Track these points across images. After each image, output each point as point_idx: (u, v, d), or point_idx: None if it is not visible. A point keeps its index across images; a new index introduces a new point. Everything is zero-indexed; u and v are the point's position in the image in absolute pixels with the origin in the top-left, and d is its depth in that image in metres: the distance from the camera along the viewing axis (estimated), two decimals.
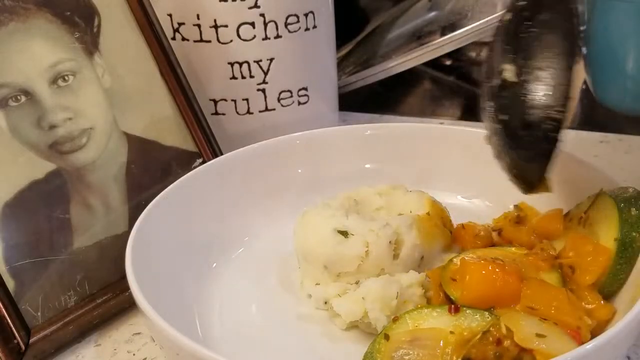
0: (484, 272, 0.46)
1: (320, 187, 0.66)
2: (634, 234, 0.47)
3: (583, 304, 0.46)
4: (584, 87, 1.01)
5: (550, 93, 0.46)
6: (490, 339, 0.42)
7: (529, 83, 0.47)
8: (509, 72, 0.47)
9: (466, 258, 0.48)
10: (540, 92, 0.46)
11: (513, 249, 0.53)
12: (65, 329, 0.52)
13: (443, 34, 0.93)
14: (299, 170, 0.67)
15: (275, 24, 0.72)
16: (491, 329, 0.42)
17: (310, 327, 0.53)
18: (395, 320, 0.45)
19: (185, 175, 0.60)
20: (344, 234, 0.53)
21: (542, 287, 0.46)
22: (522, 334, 0.41)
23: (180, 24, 0.71)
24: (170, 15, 0.71)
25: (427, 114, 0.98)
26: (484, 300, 0.45)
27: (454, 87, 1.14)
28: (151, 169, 0.61)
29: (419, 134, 0.69)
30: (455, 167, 0.66)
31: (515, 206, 0.58)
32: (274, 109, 0.75)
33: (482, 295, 0.45)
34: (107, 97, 0.59)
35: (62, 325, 0.52)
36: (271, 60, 0.73)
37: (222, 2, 0.69)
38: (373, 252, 0.52)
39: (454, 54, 1.11)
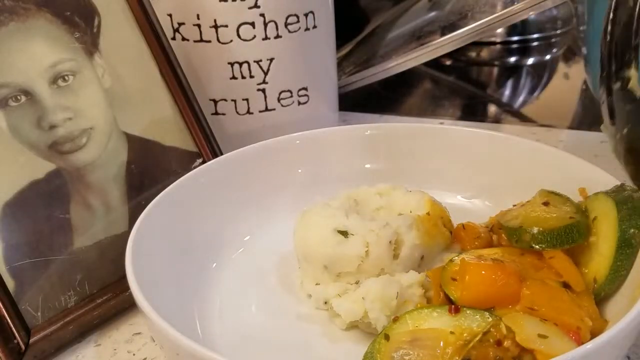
0: (483, 272, 0.46)
1: (320, 187, 0.66)
2: (632, 230, 0.47)
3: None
4: (584, 87, 1.01)
5: None
6: (491, 340, 0.42)
7: None
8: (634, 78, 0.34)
9: (466, 258, 0.48)
10: None
11: (511, 248, 0.53)
12: (65, 329, 0.52)
13: (443, 34, 0.93)
14: (299, 170, 0.67)
15: (275, 24, 0.72)
16: (492, 329, 0.42)
17: (310, 327, 0.53)
18: (395, 320, 0.45)
19: (185, 175, 0.60)
20: (344, 234, 0.53)
21: (542, 287, 0.46)
22: (524, 335, 0.41)
23: (180, 24, 0.71)
24: (170, 15, 0.71)
25: (427, 114, 0.98)
26: (484, 301, 0.45)
27: (454, 87, 1.14)
28: (151, 169, 0.61)
29: (419, 134, 0.68)
30: (455, 167, 0.66)
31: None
32: (274, 109, 0.75)
33: (482, 296, 0.45)
34: (107, 97, 0.59)
35: (62, 325, 0.52)
36: (271, 60, 0.73)
37: (222, 2, 0.69)
38: (373, 252, 0.52)
39: (454, 54, 1.11)
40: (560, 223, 0.50)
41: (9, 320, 0.49)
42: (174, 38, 0.72)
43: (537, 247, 0.49)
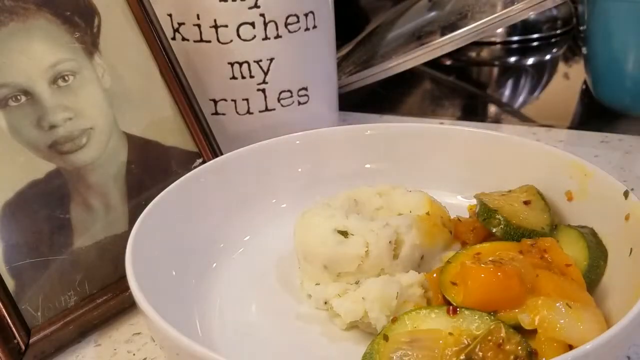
0: (483, 275, 0.46)
1: (320, 187, 0.66)
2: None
3: None
4: (584, 87, 1.01)
5: None
6: (491, 343, 0.42)
7: None
8: None
9: (466, 262, 0.48)
10: None
11: (508, 245, 0.53)
12: (65, 329, 0.52)
13: (443, 34, 0.93)
14: (299, 170, 0.67)
15: (275, 24, 0.72)
16: (491, 331, 0.42)
17: (310, 327, 0.53)
18: (394, 321, 0.45)
19: (185, 175, 0.60)
20: (344, 234, 0.53)
21: (555, 278, 0.47)
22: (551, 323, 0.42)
23: (180, 24, 0.71)
24: (170, 15, 0.71)
25: (427, 114, 0.98)
26: (486, 305, 0.45)
27: (454, 87, 1.14)
28: (151, 169, 0.61)
29: (419, 134, 0.68)
30: (455, 167, 0.66)
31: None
32: (274, 109, 0.75)
33: (484, 300, 0.45)
34: (107, 97, 0.59)
35: (62, 325, 0.52)
36: (271, 60, 0.73)
37: (222, 2, 0.69)
38: (373, 252, 0.52)
39: (454, 54, 1.11)
40: (529, 226, 0.53)
41: (9, 320, 0.49)
42: (174, 38, 0.72)
43: (497, 234, 0.53)
